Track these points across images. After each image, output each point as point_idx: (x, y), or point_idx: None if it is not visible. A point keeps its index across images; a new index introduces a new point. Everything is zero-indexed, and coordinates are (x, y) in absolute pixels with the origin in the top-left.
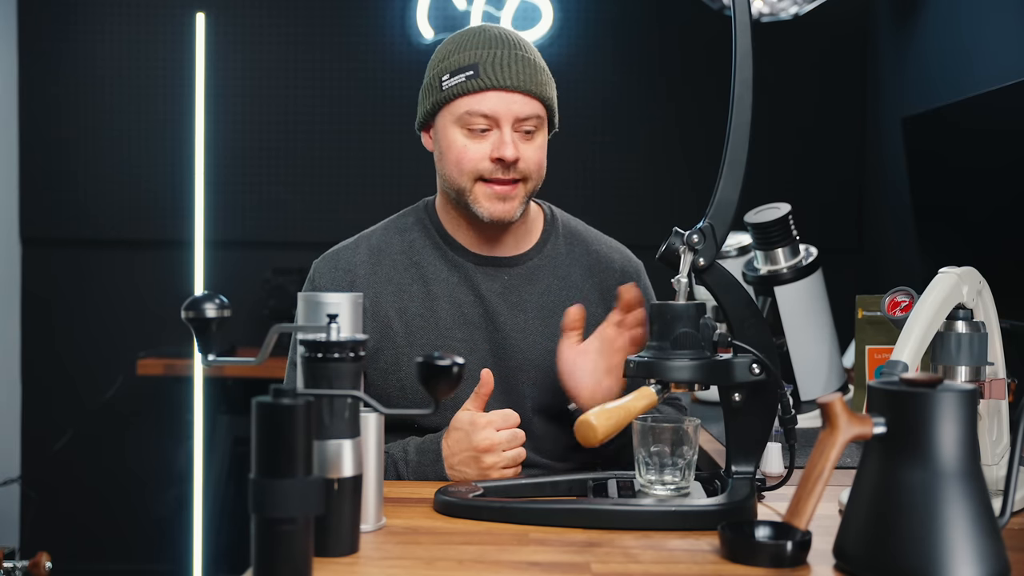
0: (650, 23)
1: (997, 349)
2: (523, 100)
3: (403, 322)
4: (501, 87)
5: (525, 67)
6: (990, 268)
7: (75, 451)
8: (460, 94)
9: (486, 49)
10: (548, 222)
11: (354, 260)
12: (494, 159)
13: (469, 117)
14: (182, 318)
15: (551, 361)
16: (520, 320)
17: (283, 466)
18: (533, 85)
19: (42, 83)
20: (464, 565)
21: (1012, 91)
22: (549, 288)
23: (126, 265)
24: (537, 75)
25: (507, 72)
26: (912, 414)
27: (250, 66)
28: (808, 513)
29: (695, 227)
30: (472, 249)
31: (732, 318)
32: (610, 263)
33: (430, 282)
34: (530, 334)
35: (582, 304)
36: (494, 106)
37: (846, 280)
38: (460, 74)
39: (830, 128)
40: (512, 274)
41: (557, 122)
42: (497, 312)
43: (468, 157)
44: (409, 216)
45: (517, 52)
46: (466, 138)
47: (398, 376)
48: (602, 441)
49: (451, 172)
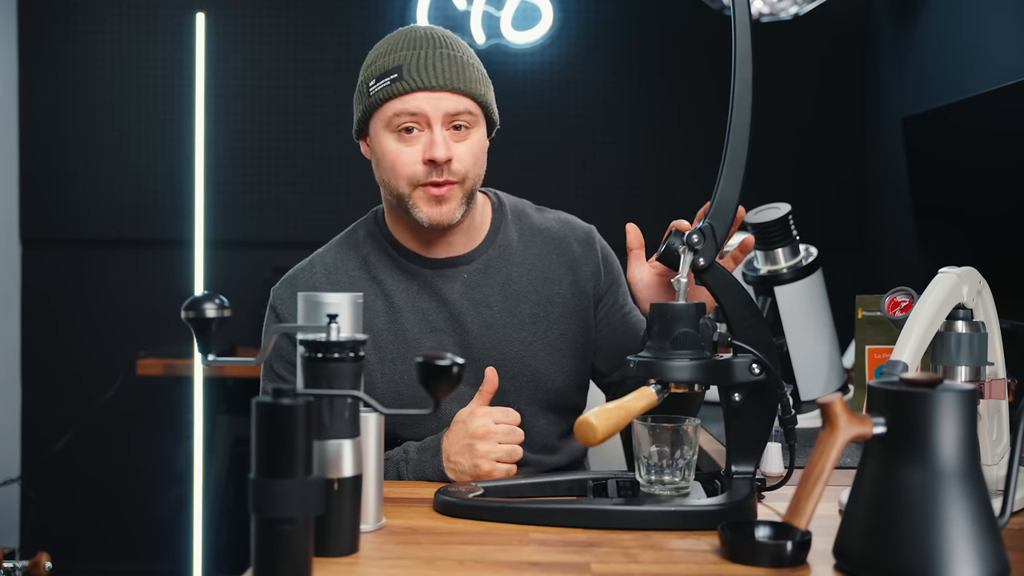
0: (650, 23)
1: (997, 349)
2: (451, 98)
3: (370, 339)
4: (426, 87)
5: (451, 65)
6: (990, 268)
7: (75, 451)
8: (387, 98)
9: (410, 51)
10: (496, 210)
11: (311, 282)
12: (426, 161)
13: (397, 119)
14: (182, 318)
15: (525, 351)
16: (487, 316)
17: (283, 466)
18: (460, 82)
19: (42, 83)
20: (464, 565)
21: (1012, 91)
22: (509, 277)
23: (126, 265)
24: (464, 71)
25: (431, 71)
26: (912, 414)
27: (250, 66)
28: (808, 513)
29: (695, 227)
30: (425, 254)
31: (732, 318)
32: (564, 236)
33: (390, 294)
34: (499, 328)
35: (549, 282)
36: (421, 106)
37: (846, 280)
38: (385, 78)
39: (830, 128)
40: (470, 271)
41: (497, 119)
42: (462, 313)
43: (402, 162)
44: (360, 230)
45: (442, 51)
46: (398, 143)
47: (373, 394)
48: (602, 441)
49: (388, 179)
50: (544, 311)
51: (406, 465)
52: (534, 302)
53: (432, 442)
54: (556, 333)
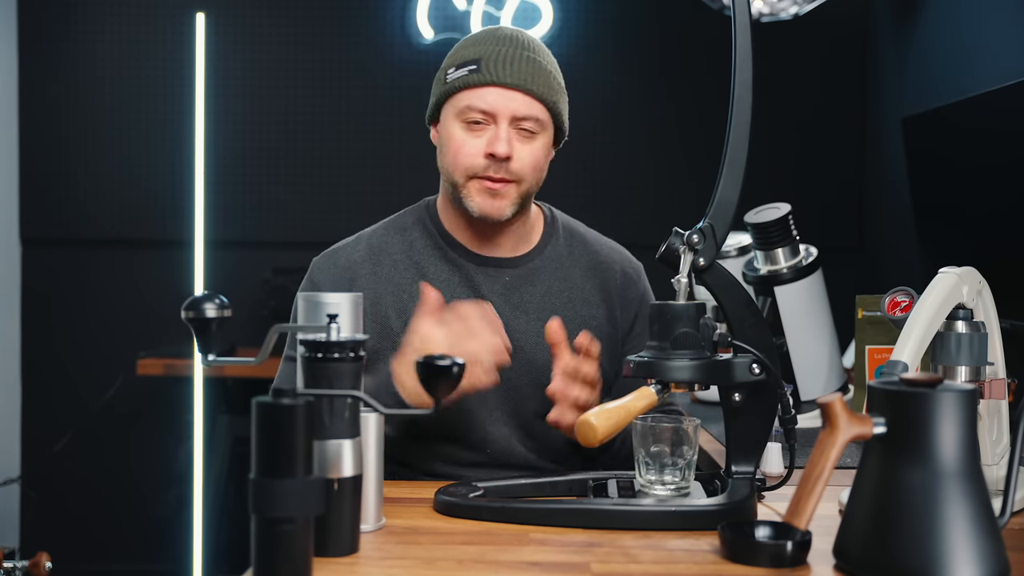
0: (650, 23)
1: (997, 349)
2: (523, 99)
3: (402, 322)
4: (501, 83)
5: (529, 67)
6: (990, 268)
7: (75, 451)
8: (462, 87)
9: (493, 46)
10: (548, 224)
11: (353, 258)
12: (487, 154)
13: (468, 111)
14: (182, 318)
15: (551, 365)
16: (522, 321)
17: (283, 466)
18: (535, 85)
19: (42, 83)
20: (464, 565)
21: (1012, 91)
22: (550, 290)
23: (126, 265)
24: (540, 75)
25: (509, 69)
26: (912, 414)
27: (250, 66)
28: (808, 513)
29: (695, 227)
30: (472, 249)
31: (732, 318)
32: (611, 264)
33: (431, 282)
34: (531, 336)
35: (587, 304)
36: (493, 102)
37: (846, 280)
38: (464, 67)
39: (830, 128)
40: (513, 275)
41: (567, 130)
42: (498, 313)
43: (464, 152)
44: (409, 216)
45: (524, 52)
46: (464, 132)
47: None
48: (602, 441)
49: (448, 166)
50: (577, 331)
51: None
52: (569, 319)
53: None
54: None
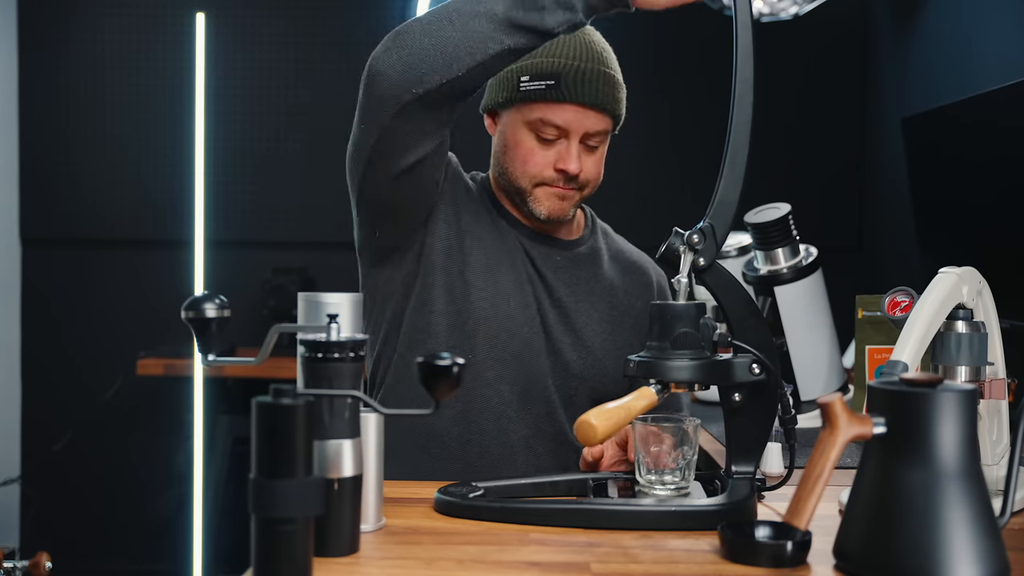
0: (648, 23)
1: (997, 349)
2: (596, 117)
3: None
4: (579, 102)
5: (604, 84)
6: (990, 268)
7: (75, 451)
8: (537, 100)
9: (570, 60)
10: (589, 219)
11: (467, 181)
12: (558, 169)
13: (542, 125)
14: (182, 318)
15: (599, 345)
16: (574, 297)
17: (283, 466)
18: (608, 103)
19: (42, 83)
20: (464, 565)
21: (1012, 91)
22: (595, 276)
23: (126, 265)
24: (614, 91)
25: (587, 88)
26: (912, 414)
27: (250, 66)
28: (808, 513)
29: (695, 227)
30: (526, 224)
31: (732, 318)
32: (644, 265)
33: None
34: (583, 313)
35: (628, 295)
36: (568, 120)
37: (846, 280)
38: (541, 80)
39: (830, 128)
40: (563, 255)
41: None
42: (553, 287)
43: (534, 161)
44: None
45: (599, 67)
46: (534, 142)
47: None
48: (602, 441)
49: (514, 170)
50: (620, 318)
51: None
52: (612, 306)
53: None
54: (624, 342)
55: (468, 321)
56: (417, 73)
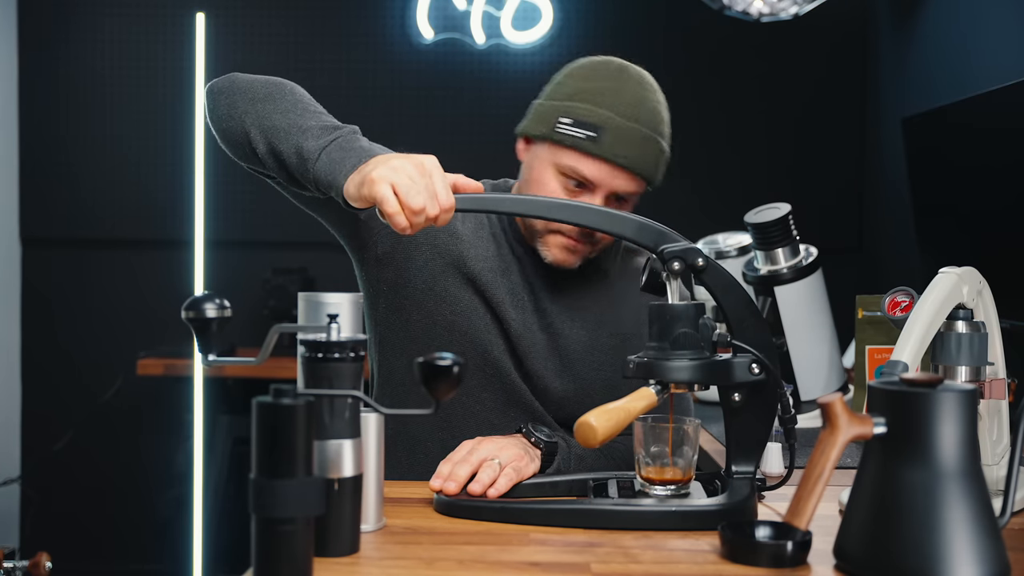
0: (650, 23)
1: (997, 349)
2: (629, 178)
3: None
4: (614, 162)
5: (647, 148)
6: (990, 268)
7: (75, 451)
8: (572, 147)
9: (616, 115)
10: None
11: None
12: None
13: (572, 173)
14: (182, 318)
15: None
16: (572, 324)
17: (283, 466)
18: (645, 167)
19: (42, 83)
20: (464, 565)
21: (1012, 91)
22: (597, 303)
23: (126, 265)
24: (653, 158)
25: (627, 149)
26: (912, 414)
27: (250, 66)
28: (808, 513)
29: (671, 252)
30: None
31: (732, 318)
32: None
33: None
34: (572, 334)
35: (637, 323)
36: (600, 176)
37: (846, 280)
38: (581, 129)
39: (830, 128)
40: (568, 275)
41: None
42: (546, 311)
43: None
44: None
45: (647, 131)
46: (559, 186)
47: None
48: (602, 442)
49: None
50: (621, 347)
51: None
52: (612, 334)
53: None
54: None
55: (444, 331)
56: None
